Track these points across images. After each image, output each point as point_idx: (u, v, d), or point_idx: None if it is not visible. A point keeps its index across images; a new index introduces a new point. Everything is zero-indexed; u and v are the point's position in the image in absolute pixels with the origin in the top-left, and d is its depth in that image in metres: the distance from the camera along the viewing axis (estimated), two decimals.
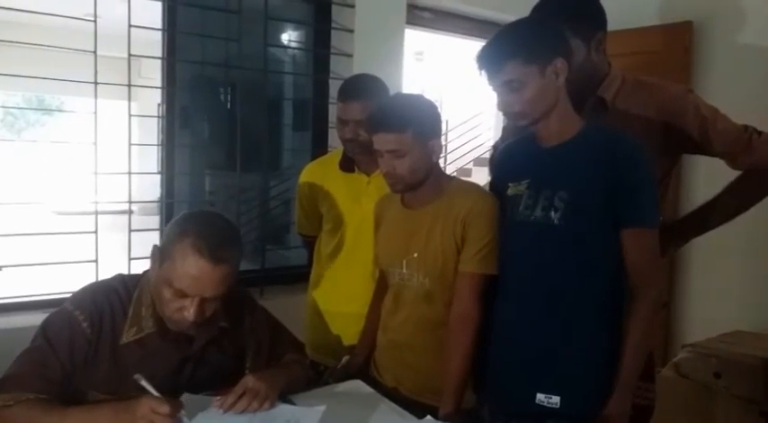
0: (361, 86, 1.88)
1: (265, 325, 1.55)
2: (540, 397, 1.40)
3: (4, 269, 3.84)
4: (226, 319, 1.43)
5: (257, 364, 1.48)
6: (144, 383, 1.20)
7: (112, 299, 1.35)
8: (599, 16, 1.64)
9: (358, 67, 2.67)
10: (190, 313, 1.27)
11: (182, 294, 1.27)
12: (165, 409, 1.15)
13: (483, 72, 1.44)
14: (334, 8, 2.82)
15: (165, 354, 1.35)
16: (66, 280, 1.49)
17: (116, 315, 1.34)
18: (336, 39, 2.83)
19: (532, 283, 1.45)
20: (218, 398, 1.29)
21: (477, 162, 8.32)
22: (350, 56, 2.76)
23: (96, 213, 2.34)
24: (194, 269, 1.25)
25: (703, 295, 3.06)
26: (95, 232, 2.34)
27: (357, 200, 1.91)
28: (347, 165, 1.96)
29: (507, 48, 1.39)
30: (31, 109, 12.26)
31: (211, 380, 1.37)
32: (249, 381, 1.31)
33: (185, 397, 1.28)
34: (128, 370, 1.28)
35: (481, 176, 6.88)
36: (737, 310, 2.86)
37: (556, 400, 1.39)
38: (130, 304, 1.36)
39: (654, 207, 1.41)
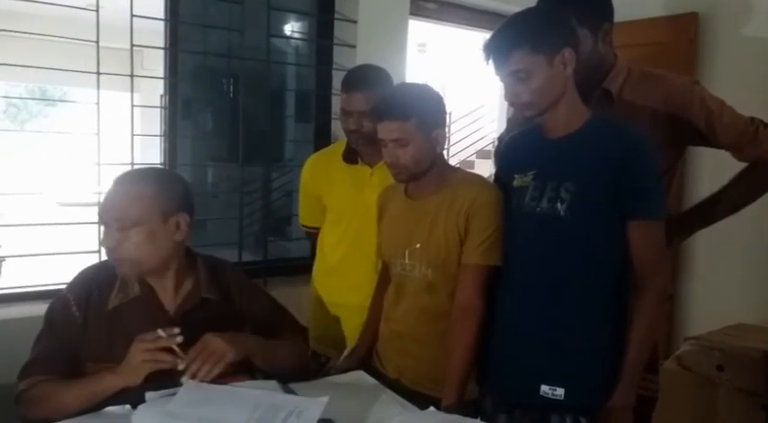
0: (364, 77, 1.87)
1: (263, 303, 1.62)
2: (545, 389, 1.40)
3: (7, 259, 3.85)
4: (210, 291, 1.48)
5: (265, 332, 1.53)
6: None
7: (100, 273, 1.45)
8: (606, 7, 1.63)
9: (361, 58, 2.65)
10: (103, 239, 1.37)
11: (103, 223, 1.39)
12: (152, 335, 1.29)
13: (490, 61, 1.43)
14: None
15: (149, 319, 1.40)
16: (68, 270, 1.52)
17: (103, 287, 1.42)
18: (339, 29, 2.81)
19: (537, 275, 1.45)
20: (222, 386, 1.30)
21: (480, 154, 8.31)
22: (353, 47, 2.74)
23: (99, 204, 2.32)
24: (104, 196, 1.40)
25: (707, 288, 3.06)
26: (98, 223, 2.33)
27: (360, 191, 1.91)
28: (350, 156, 1.95)
29: (515, 37, 1.38)
30: (33, 99, 12.26)
31: None
32: (208, 338, 1.34)
33: (189, 384, 1.29)
34: (117, 334, 1.37)
35: (484, 169, 6.87)
36: (741, 303, 2.85)
37: (560, 392, 1.39)
38: (118, 276, 1.43)
39: (660, 199, 1.40)
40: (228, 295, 1.53)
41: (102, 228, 1.40)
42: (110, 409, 1.28)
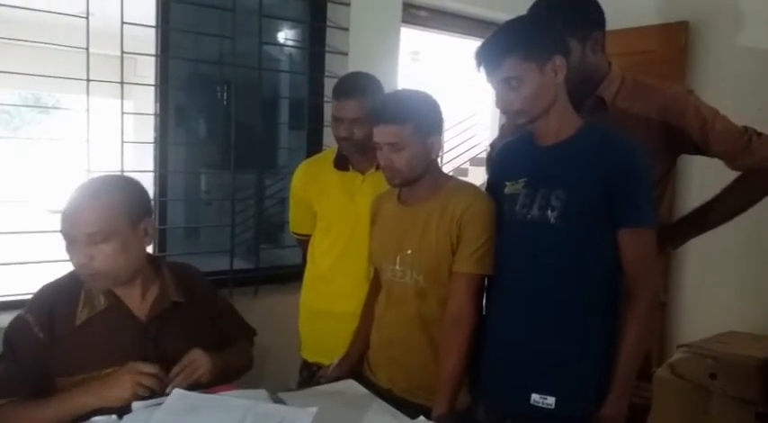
0: (355, 84, 1.86)
1: (222, 304, 1.68)
2: (536, 398, 1.40)
3: None
4: (178, 295, 1.48)
5: (221, 338, 1.58)
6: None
7: (60, 291, 1.42)
8: (595, 16, 1.63)
9: (353, 65, 2.65)
10: (75, 256, 1.34)
11: (70, 240, 1.34)
12: (150, 368, 1.30)
13: (482, 68, 1.43)
14: (330, 6, 2.79)
15: (120, 328, 1.40)
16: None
17: (66, 304, 1.40)
18: (331, 37, 2.81)
19: (528, 282, 1.45)
20: (210, 395, 1.28)
21: (474, 162, 8.32)
22: (345, 54, 2.74)
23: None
24: (66, 210, 1.34)
25: (699, 295, 3.06)
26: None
27: (351, 198, 1.90)
28: (342, 163, 1.95)
29: (506, 44, 1.38)
30: (24, 106, 12.21)
31: (176, 352, 1.42)
32: (196, 354, 1.41)
33: (176, 392, 1.28)
34: (88, 348, 1.36)
35: (477, 176, 6.88)
36: (733, 311, 2.85)
37: (551, 400, 1.39)
38: (82, 289, 1.41)
39: (651, 207, 1.40)
40: (195, 297, 1.53)
41: (67, 244, 1.36)
42: (96, 419, 1.27)
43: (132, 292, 1.44)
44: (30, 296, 2.13)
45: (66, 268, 1.44)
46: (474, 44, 1.47)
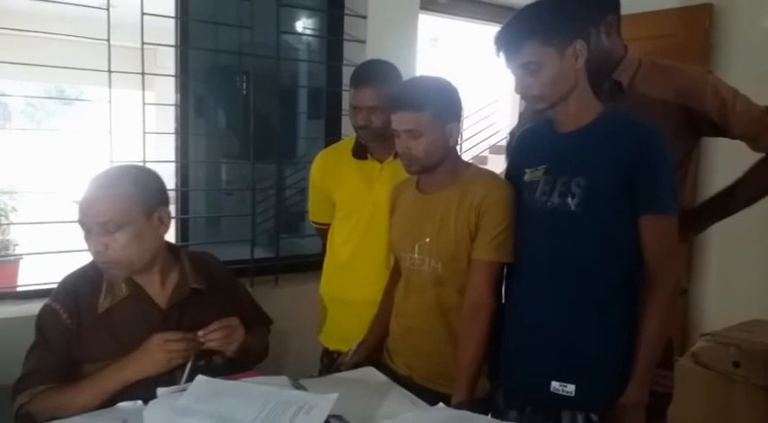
0: (373, 72, 1.86)
1: (242, 293, 1.72)
2: (555, 385, 1.39)
3: (24, 257, 3.90)
4: (197, 282, 1.51)
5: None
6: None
7: (83, 279, 1.46)
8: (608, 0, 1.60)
9: (371, 53, 2.64)
10: (90, 245, 1.37)
11: (85, 229, 1.38)
12: (176, 335, 1.35)
13: (501, 54, 1.42)
14: None
15: (142, 315, 1.43)
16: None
17: (89, 293, 1.43)
18: (349, 25, 2.81)
19: (547, 270, 1.44)
20: (233, 382, 1.31)
21: (493, 149, 8.27)
22: (363, 42, 2.74)
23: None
24: (81, 200, 1.38)
25: (723, 283, 3.02)
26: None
27: (370, 187, 1.90)
28: (360, 152, 1.95)
29: (525, 29, 1.37)
30: (46, 98, 12.39)
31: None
32: (235, 320, 1.47)
33: (199, 379, 1.30)
34: (111, 335, 1.40)
35: (497, 164, 6.83)
36: (757, 299, 2.81)
37: (571, 388, 1.38)
38: (103, 278, 1.44)
39: (672, 193, 1.38)
40: (214, 284, 1.56)
41: (84, 233, 1.39)
42: (122, 404, 1.30)
43: (152, 280, 1.47)
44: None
45: (90, 258, 1.47)
46: (494, 30, 1.46)
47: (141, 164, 1.53)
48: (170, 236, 1.52)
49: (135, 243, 1.38)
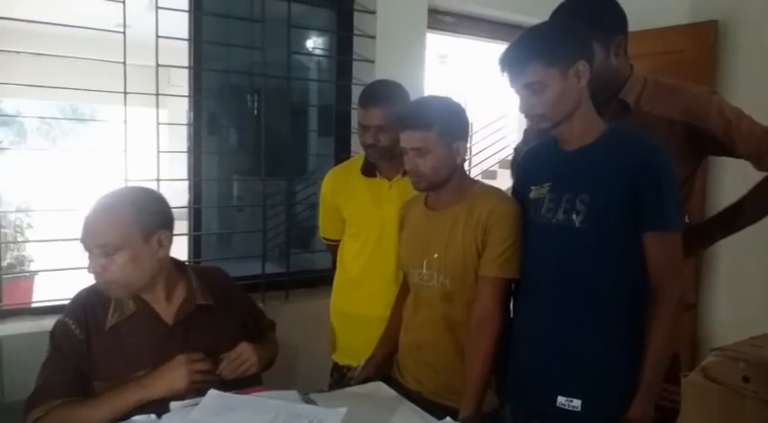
0: (381, 92, 1.90)
1: (247, 304, 1.75)
2: (561, 400, 1.40)
3: (40, 273, 3.95)
4: (204, 298, 1.54)
5: (253, 334, 1.65)
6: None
7: (93, 296, 1.48)
8: (618, 20, 1.63)
9: (380, 72, 2.69)
10: (89, 265, 1.40)
11: (85, 249, 1.41)
12: (199, 356, 1.41)
13: (505, 74, 1.45)
14: (356, 15, 2.84)
15: (148, 332, 1.46)
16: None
17: (98, 309, 1.46)
18: (358, 45, 2.86)
19: (553, 286, 1.46)
20: (244, 396, 1.33)
21: (503, 164, 8.28)
22: (372, 62, 2.79)
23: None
24: (83, 222, 1.41)
25: (732, 298, 3.01)
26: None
27: (379, 204, 1.94)
28: (369, 170, 1.99)
29: (529, 50, 1.40)
30: (63, 119, 12.57)
31: (207, 355, 1.48)
32: (244, 347, 1.51)
33: (211, 393, 1.32)
34: (118, 351, 1.43)
35: (506, 178, 6.84)
36: (767, 313, 2.80)
37: (577, 403, 1.39)
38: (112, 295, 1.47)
39: (676, 210, 1.40)
40: (222, 300, 1.58)
41: (86, 253, 1.42)
42: (136, 418, 1.32)
43: (158, 297, 1.49)
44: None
45: None
46: (501, 47, 1.49)
47: (146, 186, 1.55)
48: (183, 252, 1.54)
49: (132, 265, 1.40)
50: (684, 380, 1.99)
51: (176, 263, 1.57)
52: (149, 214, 1.44)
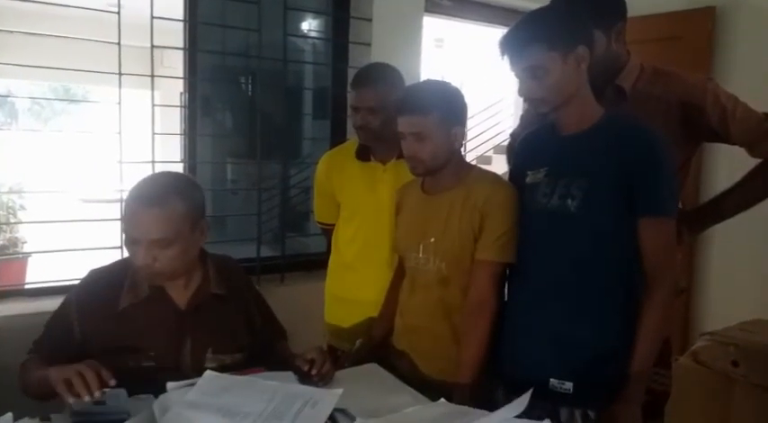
0: (372, 74, 1.89)
1: (263, 307, 1.70)
2: (554, 382, 1.42)
3: (33, 255, 3.95)
4: (218, 287, 1.53)
5: (263, 333, 1.62)
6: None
7: (105, 277, 1.50)
8: (619, 7, 1.63)
9: (376, 55, 2.67)
10: (138, 257, 1.38)
11: (132, 241, 1.39)
12: (89, 373, 1.19)
13: (505, 57, 1.44)
14: None
15: (159, 316, 1.46)
16: (92, 266, 1.57)
17: (110, 290, 1.46)
18: (355, 28, 2.84)
19: (548, 270, 1.47)
20: (240, 377, 1.34)
21: (498, 149, 8.27)
22: (368, 45, 2.77)
23: (121, 201, 2.37)
24: (130, 212, 1.39)
25: (723, 283, 3.04)
26: (120, 220, 2.38)
27: (373, 188, 1.93)
28: (363, 154, 1.98)
29: (530, 33, 1.40)
30: (55, 99, 12.45)
31: (214, 342, 1.49)
32: (317, 350, 1.48)
33: (208, 374, 1.33)
34: (125, 334, 1.43)
35: (501, 163, 6.84)
36: (758, 299, 2.83)
37: (569, 385, 1.41)
38: (127, 277, 1.47)
39: (671, 196, 1.41)
40: (236, 292, 1.58)
41: (128, 242, 1.41)
42: (132, 398, 1.33)
43: (177, 283, 1.49)
44: (65, 282, 2.23)
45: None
46: (498, 32, 1.49)
47: (178, 171, 1.53)
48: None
49: (181, 256, 1.41)
50: (675, 364, 2.02)
51: (201, 250, 1.55)
52: (195, 205, 1.44)
